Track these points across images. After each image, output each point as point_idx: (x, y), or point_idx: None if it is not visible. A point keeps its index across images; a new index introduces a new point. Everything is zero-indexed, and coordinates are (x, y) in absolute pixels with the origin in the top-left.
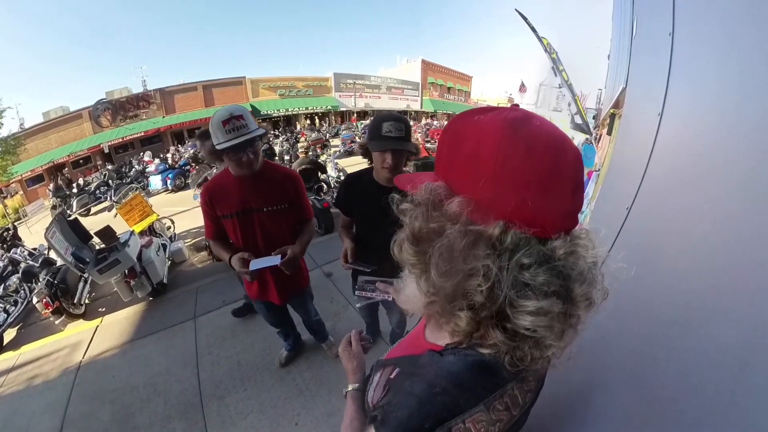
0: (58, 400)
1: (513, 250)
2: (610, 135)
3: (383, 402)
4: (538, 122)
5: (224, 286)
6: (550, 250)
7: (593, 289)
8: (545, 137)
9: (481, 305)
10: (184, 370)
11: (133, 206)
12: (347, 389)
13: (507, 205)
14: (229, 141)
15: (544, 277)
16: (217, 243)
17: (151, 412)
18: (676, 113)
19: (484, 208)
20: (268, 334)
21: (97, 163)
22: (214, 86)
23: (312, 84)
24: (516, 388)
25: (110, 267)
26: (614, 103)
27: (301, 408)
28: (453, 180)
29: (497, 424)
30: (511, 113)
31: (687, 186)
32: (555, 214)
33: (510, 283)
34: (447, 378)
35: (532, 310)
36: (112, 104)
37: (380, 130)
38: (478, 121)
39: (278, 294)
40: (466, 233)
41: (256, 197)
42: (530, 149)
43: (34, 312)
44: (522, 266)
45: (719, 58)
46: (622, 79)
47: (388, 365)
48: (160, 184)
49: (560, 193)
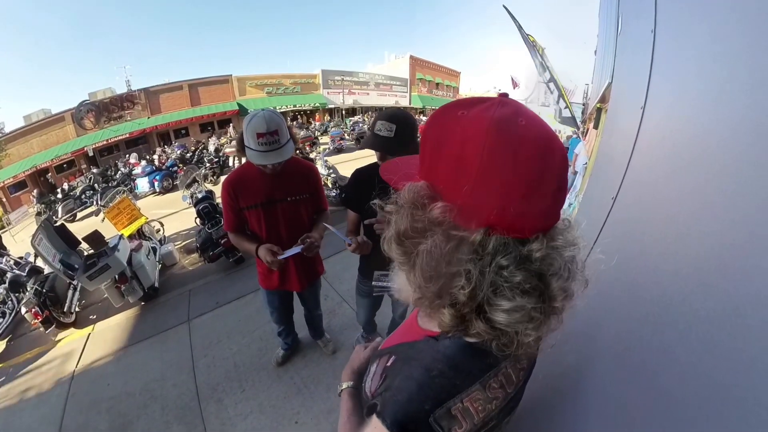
0: (53, 412)
1: (493, 254)
2: (596, 129)
3: (381, 389)
4: (524, 121)
5: (217, 287)
6: (528, 252)
7: (571, 282)
8: (533, 140)
9: (463, 303)
10: (180, 374)
11: (121, 210)
12: (341, 387)
13: (490, 211)
14: (259, 153)
15: (521, 276)
16: (238, 235)
17: (149, 419)
18: (658, 107)
19: (466, 213)
20: (264, 333)
21: (81, 167)
22: (200, 85)
23: (300, 81)
24: (509, 366)
25: (100, 272)
26: (600, 98)
27: (301, 406)
28: (436, 181)
29: (494, 402)
30: (498, 110)
31: (668, 175)
32: (536, 217)
33: (488, 283)
34: (443, 361)
35: (507, 308)
36: (96, 106)
37: (375, 126)
38: (462, 118)
39: (299, 281)
40: (450, 238)
41: (280, 188)
42: (516, 155)
43: (24, 323)
44: (501, 267)
45: (700, 53)
46: (608, 75)
47: (384, 354)
48: (147, 186)
49: (543, 196)
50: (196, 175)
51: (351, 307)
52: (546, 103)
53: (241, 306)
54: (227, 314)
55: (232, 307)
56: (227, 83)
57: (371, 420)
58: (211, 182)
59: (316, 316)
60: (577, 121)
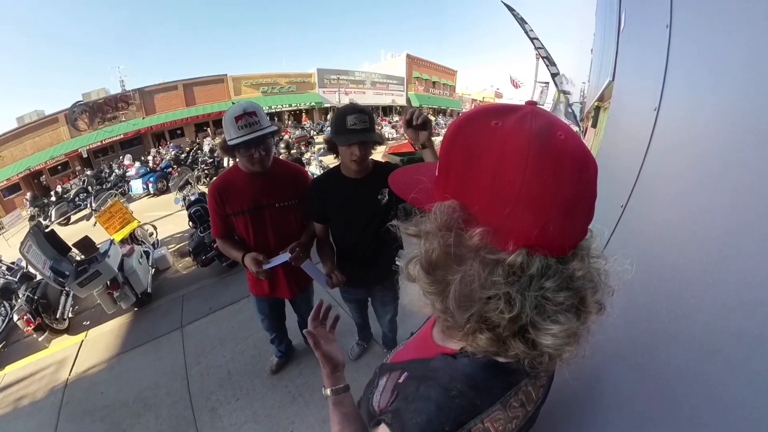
0: (47, 422)
1: (537, 276)
2: (594, 127)
3: (393, 407)
4: (562, 134)
5: (210, 292)
6: (572, 271)
7: (603, 294)
8: (571, 153)
9: (504, 327)
10: (174, 383)
11: (113, 213)
12: (326, 393)
13: (530, 231)
14: (241, 137)
15: (564, 295)
16: (226, 242)
17: (143, 429)
18: (675, 109)
19: (504, 234)
20: (258, 341)
21: (75, 169)
22: (195, 85)
23: (295, 80)
24: (529, 384)
25: (91, 279)
26: (599, 96)
27: (295, 415)
28: (470, 200)
29: (514, 421)
30: (535, 122)
31: (689, 186)
32: (575, 235)
33: (532, 305)
34: (462, 380)
35: (556, 332)
36: (90, 106)
37: (345, 123)
38: (496, 129)
39: (289, 288)
40: (486, 262)
41: (267, 193)
42: (557, 170)
43: (16, 330)
44: (543, 288)
45: (719, 51)
46: (608, 73)
47: (395, 369)
48: (141, 188)
49: (582, 213)
50: (188, 177)
51: (345, 311)
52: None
53: (235, 312)
54: (220, 320)
55: (225, 313)
56: (223, 83)
57: None
58: (204, 184)
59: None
60: (577, 119)
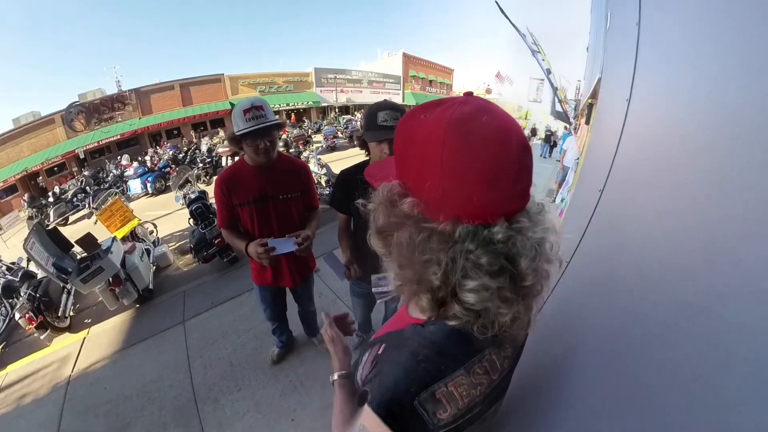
0: (50, 418)
1: (462, 241)
2: (588, 124)
3: (371, 375)
4: (486, 116)
5: (211, 288)
6: (490, 235)
7: (541, 262)
8: (489, 133)
9: (438, 288)
10: (177, 375)
11: (114, 212)
12: (333, 377)
13: (455, 203)
14: (249, 127)
15: (486, 258)
16: (230, 232)
17: (146, 421)
18: (643, 99)
19: (433, 207)
20: (259, 332)
21: (72, 170)
22: (191, 84)
23: (292, 80)
24: (494, 353)
25: (94, 275)
26: (591, 93)
27: (297, 404)
28: (406, 179)
29: (478, 387)
30: (457, 110)
31: (653, 169)
32: (500, 204)
33: (459, 268)
34: (429, 346)
35: (472, 287)
36: (86, 107)
37: (376, 119)
38: (424, 121)
39: (291, 277)
40: (421, 229)
41: (272, 185)
42: (472, 149)
43: (18, 329)
44: (468, 252)
45: (686, 45)
46: (598, 70)
47: (375, 344)
48: (139, 187)
49: (503, 184)
50: (188, 176)
51: (345, 304)
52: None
53: (236, 306)
54: (222, 314)
55: (226, 307)
56: (219, 82)
57: (363, 409)
58: (204, 182)
59: (309, 313)
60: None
